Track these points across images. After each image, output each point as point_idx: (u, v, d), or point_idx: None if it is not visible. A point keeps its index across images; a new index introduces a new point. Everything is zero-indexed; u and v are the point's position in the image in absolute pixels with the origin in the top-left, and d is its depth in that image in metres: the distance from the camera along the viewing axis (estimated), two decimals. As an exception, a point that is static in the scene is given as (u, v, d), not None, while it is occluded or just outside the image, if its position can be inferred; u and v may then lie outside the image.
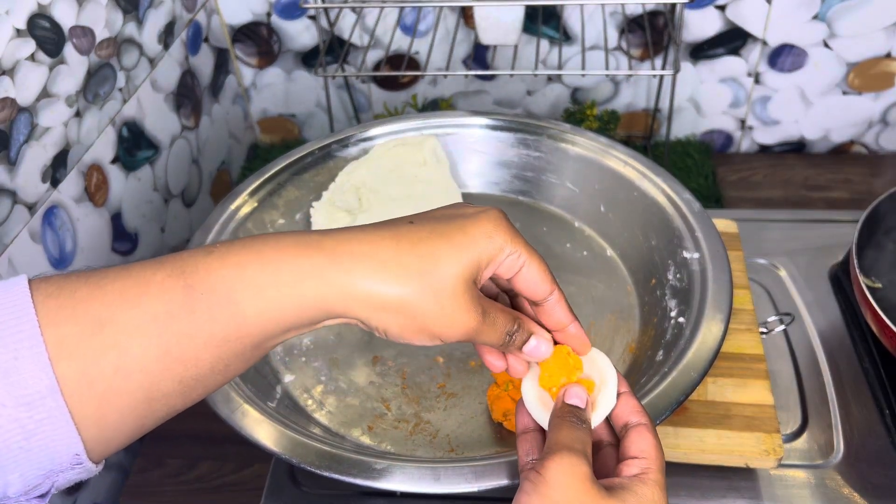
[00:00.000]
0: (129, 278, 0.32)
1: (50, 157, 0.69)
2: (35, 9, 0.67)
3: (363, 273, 0.33)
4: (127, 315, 0.31)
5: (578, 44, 1.01)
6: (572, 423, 0.41)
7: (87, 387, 0.30)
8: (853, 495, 0.60)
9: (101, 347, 0.30)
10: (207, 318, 0.32)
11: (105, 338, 0.30)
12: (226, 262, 0.33)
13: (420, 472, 0.50)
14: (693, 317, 0.59)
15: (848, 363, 0.70)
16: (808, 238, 0.83)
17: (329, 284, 0.33)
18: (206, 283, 0.32)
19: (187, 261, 0.33)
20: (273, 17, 1.05)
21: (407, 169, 0.74)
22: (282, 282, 0.33)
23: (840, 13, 0.94)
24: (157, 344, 0.31)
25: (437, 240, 0.35)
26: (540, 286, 0.40)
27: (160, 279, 0.32)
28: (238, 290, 0.32)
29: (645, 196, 0.70)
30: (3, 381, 0.29)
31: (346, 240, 0.34)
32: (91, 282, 0.32)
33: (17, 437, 0.29)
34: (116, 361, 0.31)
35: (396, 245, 0.34)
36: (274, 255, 0.33)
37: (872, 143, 1.06)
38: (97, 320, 0.31)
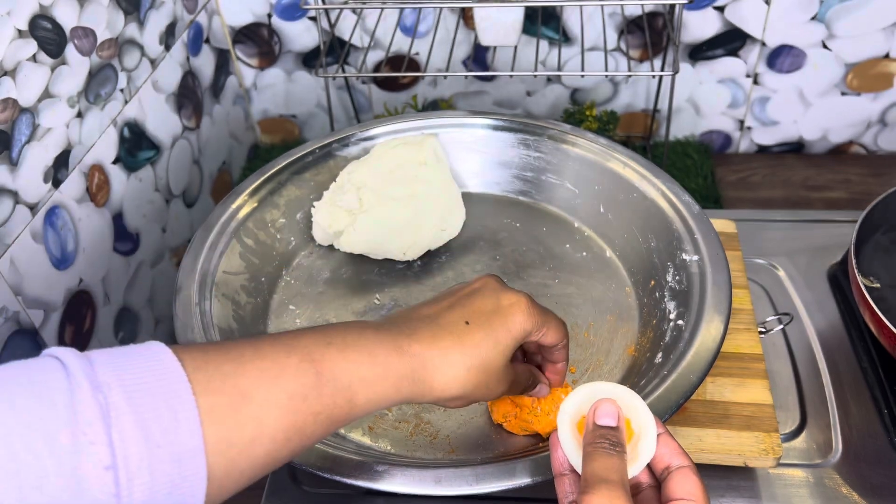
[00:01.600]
0: (266, 359, 0.37)
1: (51, 157, 0.70)
2: (36, 9, 0.67)
3: (443, 378, 0.44)
4: (268, 392, 0.36)
5: (578, 45, 1.02)
6: (606, 452, 0.40)
7: (225, 451, 0.34)
8: (852, 494, 0.60)
9: (244, 418, 0.35)
10: (331, 403, 0.38)
11: (249, 409, 0.35)
12: (346, 357, 0.40)
13: (421, 475, 0.50)
14: (692, 319, 0.59)
15: (846, 363, 0.70)
16: (806, 238, 0.83)
17: (416, 385, 0.43)
18: (332, 372, 0.39)
19: (314, 350, 0.39)
20: (274, 18, 1.05)
21: (407, 169, 0.75)
22: (387, 381, 0.41)
23: (839, 14, 0.94)
24: (289, 419, 0.37)
25: (488, 341, 0.45)
26: (555, 342, 0.50)
27: (294, 363, 0.38)
28: (355, 383, 0.40)
29: (644, 198, 0.70)
30: (164, 437, 0.32)
31: (427, 346, 0.44)
32: (232, 358, 0.36)
33: (166, 489, 0.32)
34: (254, 431, 0.35)
35: (461, 351, 0.44)
36: (381, 356, 0.41)
37: (871, 143, 1.06)
38: (242, 394, 0.35)
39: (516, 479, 0.50)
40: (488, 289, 0.48)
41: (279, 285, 0.73)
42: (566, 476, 0.44)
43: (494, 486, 0.50)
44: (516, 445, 0.58)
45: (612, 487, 0.38)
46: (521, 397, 0.58)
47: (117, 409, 0.31)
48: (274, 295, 0.72)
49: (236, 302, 0.67)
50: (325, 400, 0.38)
